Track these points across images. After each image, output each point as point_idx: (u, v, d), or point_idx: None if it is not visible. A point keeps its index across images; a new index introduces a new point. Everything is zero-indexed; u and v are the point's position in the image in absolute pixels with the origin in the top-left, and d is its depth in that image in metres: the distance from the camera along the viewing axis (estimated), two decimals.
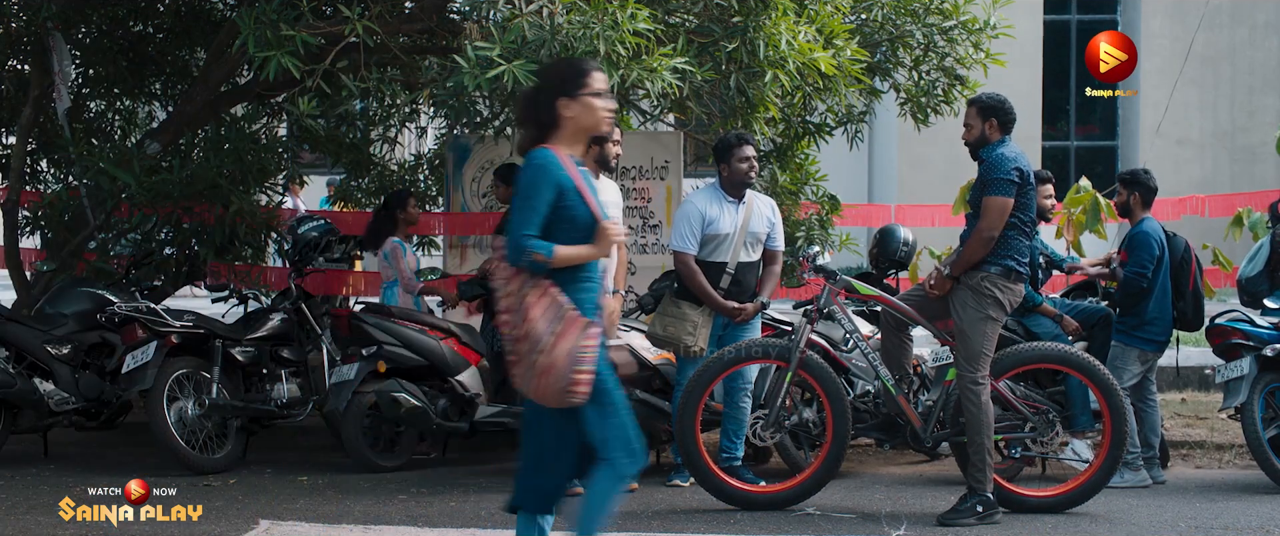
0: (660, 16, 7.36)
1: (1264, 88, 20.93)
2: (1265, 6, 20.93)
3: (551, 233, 4.53)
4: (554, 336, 4.43)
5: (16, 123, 9.61)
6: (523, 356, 4.48)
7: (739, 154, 7.36)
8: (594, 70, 4.69)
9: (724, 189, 7.41)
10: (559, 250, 4.51)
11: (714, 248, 7.36)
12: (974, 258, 6.64)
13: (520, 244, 4.49)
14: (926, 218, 10.94)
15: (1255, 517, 6.97)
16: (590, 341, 4.47)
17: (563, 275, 4.55)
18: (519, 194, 4.57)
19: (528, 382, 4.48)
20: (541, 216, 4.52)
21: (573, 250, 4.55)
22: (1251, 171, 20.11)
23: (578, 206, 4.57)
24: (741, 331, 7.39)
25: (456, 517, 6.80)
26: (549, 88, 4.68)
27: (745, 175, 7.38)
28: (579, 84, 4.63)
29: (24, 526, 6.44)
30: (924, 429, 7.02)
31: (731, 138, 7.47)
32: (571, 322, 4.45)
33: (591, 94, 4.63)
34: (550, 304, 4.48)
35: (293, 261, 8.69)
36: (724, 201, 7.40)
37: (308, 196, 15.18)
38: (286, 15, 7.15)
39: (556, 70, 4.87)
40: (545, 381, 4.42)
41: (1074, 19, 21.68)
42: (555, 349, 4.42)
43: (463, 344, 8.14)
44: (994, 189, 6.62)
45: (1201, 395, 10.48)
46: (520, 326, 4.47)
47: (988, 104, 6.81)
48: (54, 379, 8.04)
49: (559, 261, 4.51)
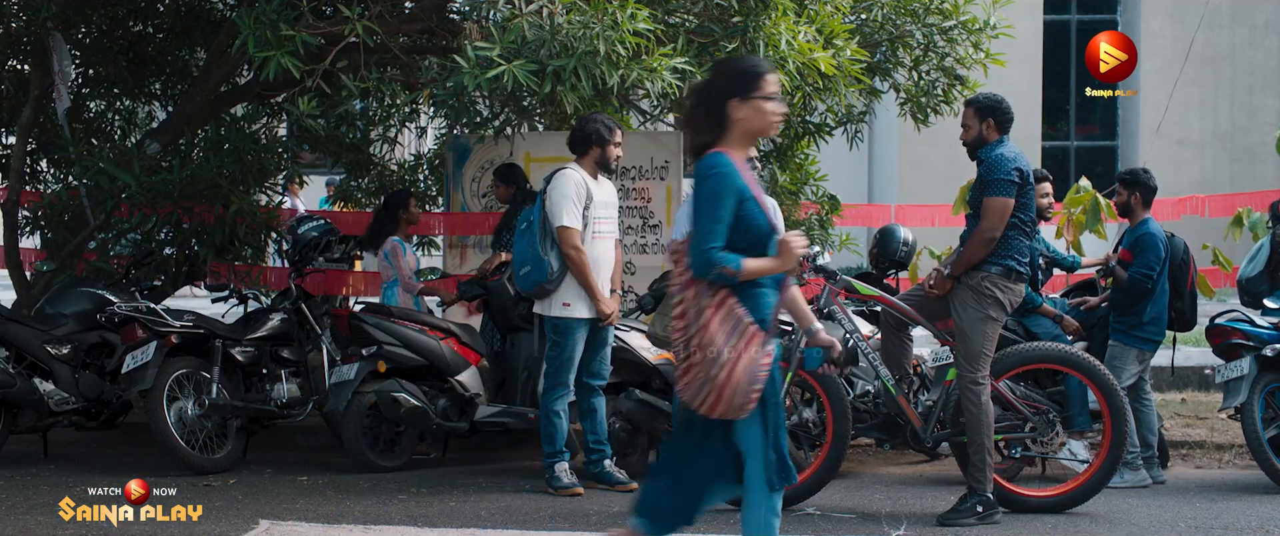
0: (660, 16, 7.37)
1: (1264, 88, 20.93)
2: (1265, 6, 20.93)
3: (729, 242, 4.37)
4: (733, 350, 4.30)
5: (16, 123, 9.61)
6: (696, 366, 4.33)
7: None
8: (769, 72, 4.51)
9: None
10: (746, 264, 4.35)
11: None
12: (974, 258, 6.64)
13: (708, 257, 4.33)
14: (926, 218, 10.94)
15: (1255, 517, 6.97)
16: (768, 357, 4.35)
17: (739, 285, 4.39)
18: (701, 203, 4.40)
19: (700, 394, 4.34)
20: (726, 226, 4.35)
21: (759, 264, 4.38)
22: (1251, 171, 20.11)
23: (757, 215, 4.41)
24: None
25: (456, 517, 6.79)
26: (720, 88, 4.50)
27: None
28: (753, 86, 4.45)
29: (24, 526, 6.44)
30: (924, 429, 7.02)
31: None
32: (751, 337, 4.31)
33: (764, 97, 4.45)
34: (728, 316, 4.34)
35: (293, 261, 8.70)
36: None
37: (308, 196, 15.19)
38: (286, 15, 7.15)
39: (729, 69, 4.66)
40: (722, 395, 4.30)
41: (1074, 19, 21.68)
42: (735, 363, 4.29)
43: (463, 344, 8.14)
44: (994, 189, 6.62)
45: (1201, 395, 10.48)
46: (696, 336, 4.34)
47: (985, 104, 6.81)
48: (54, 379, 8.04)
49: (746, 275, 4.35)
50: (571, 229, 7.13)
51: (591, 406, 7.39)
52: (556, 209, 7.15)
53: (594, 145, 7.26)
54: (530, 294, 7.36)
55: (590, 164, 7.30)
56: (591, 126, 7.25)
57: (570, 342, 7.24)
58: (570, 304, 7.20)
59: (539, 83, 6.76)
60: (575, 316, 7.21)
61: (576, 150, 7.31)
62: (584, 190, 7.18)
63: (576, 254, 7.13)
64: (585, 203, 7.18)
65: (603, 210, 7.33)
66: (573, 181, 7.17)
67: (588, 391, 7.37)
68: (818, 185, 10.03)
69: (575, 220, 7.14)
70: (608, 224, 7.39)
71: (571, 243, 7.14)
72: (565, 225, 7.13)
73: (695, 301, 4.37)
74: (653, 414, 7.70)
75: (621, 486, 7.37)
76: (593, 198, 7.22)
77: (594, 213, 7.24)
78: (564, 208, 7.12)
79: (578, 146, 7.31)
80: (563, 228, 7.13)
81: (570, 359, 7.25)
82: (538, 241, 7.18)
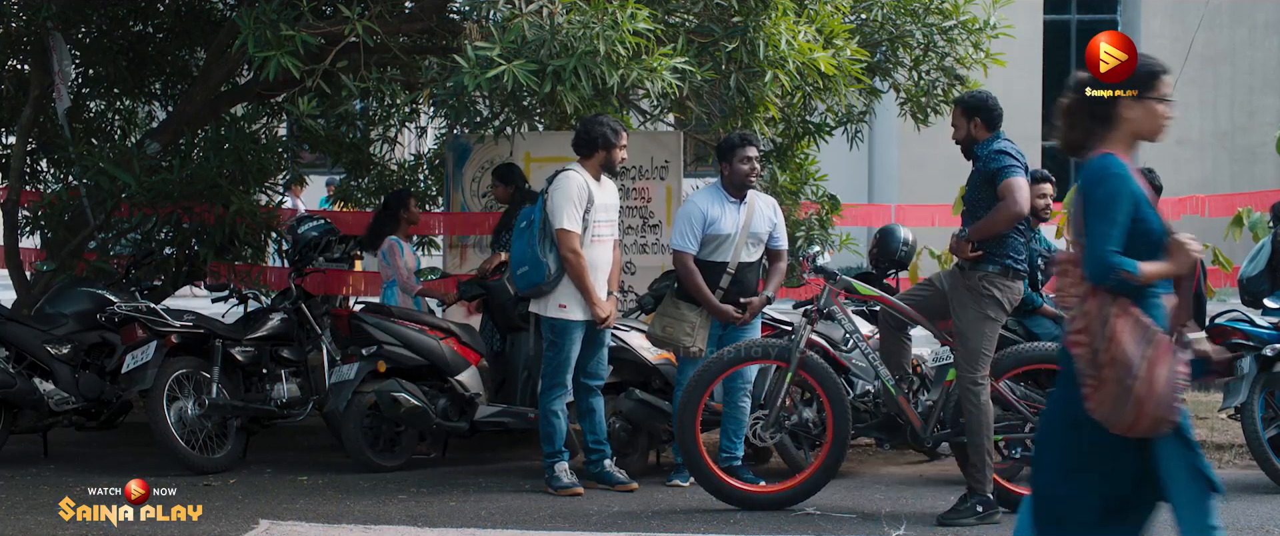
0: (660, 16, 7.36)
1: (1264, 88, 20.92)
2: (1265, 6, 20.92)
3: (1125, 247, 4.13)
4: (1147, 361, 4.03)
5: (16, 123, 9.61)
6: (1109, 382, 4.04)
7: (741, 154, 7.36)
8: (1166, 72, 4.22)
9: (726, 189, 7.41)
10: (1144, 267, 4.12)
11: (715, 247, 7.35)
12: (995, 228, 6.51)
13: (1106, 261, 4.09)
14: (926, 218, 10.93)
15: (1255, 517, 6.97)
16: (1184, 366, 4.10)
17: (1135, 291, 4.15)
18: (1095, 207, 4.17)
19: (1117, 410, 4.02)
20: (1123, 230, 4.12)
21: (1156, 267, 4.16)
22: (1251, 171, 20.10)
23: (1152, 219, 4.18)
24: (741, 332, 7.39)
25: (456, 517, 6.79)
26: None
27: (746, 176, 7.38)
28: (1149, 85, 4.19)
29: (24, 526, 6.44)
30: (924, 429, 7.02)
31: (734, 138, 7.47)
32: (1162, 345, 4.05)
33: (1159, 99, 4.19)
34: (1135, 325, 4.08)
35: (293, 261, 8.70)
36: (726, 201, 7.40)
37: (308, 196, 15.19)
38: (286, 15, 7.15)
39: None
40: (1144, 410, 4.01)
41: (1074, 19, 21.67)
42: (1153, 375, 4.02)
43: (463, 344, 8.14)
44: (1006, 173, 6.51)
45: (1201, 395, 10.47)
46: (1105, 350, 4.06)
47: (970, 103, 6.79)
48: (54, 379, 8.04)
49: (1145, 279, 4.12)
50: (571, 232, 7.12)
51: (590, 406, 7.39)
52: (557, 211, 7.14)
53: (600, 148, 7.25)
54: (526, 294, 7.36)
55: (594, 166, 7.29)
56: (598, 129, 7.24)
57: (566, 343, 7.23)
58: (566, 305, 7.20)
59: (539, 83, 6.75)
60: (571, 318, 7.20)
61: (582, 152, 7.30)
62: (586, 193, 7.17)
63: (575, 258, 7.12)
64: (586, 206, 7.17)
65: (603, 213, 7.32)
66: (575, 184, 7.16)
67: (586, 391, 7.37)
68: (818, 185, 10.03)
69: (575, 223, 7.13)
70: (607, 227, 7.38)
71: (570, 246, 7.13)
72: (565, 228, 7.12)
73: (1099, 313, 4.09)
74: (652, 413, 7.70)
75: (621, 486, 7.37)
76: (594, 201, 7.21)
77: (594, 216, 7.23)
78: (564, 210, 7.12)
79: (583, 148, 7.29)
80: (562, 231, 7.12)
81: (567, 359, 7.25)
82: (537, 242, 7.17)
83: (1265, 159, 19.87)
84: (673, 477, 7.59)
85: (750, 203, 7.45)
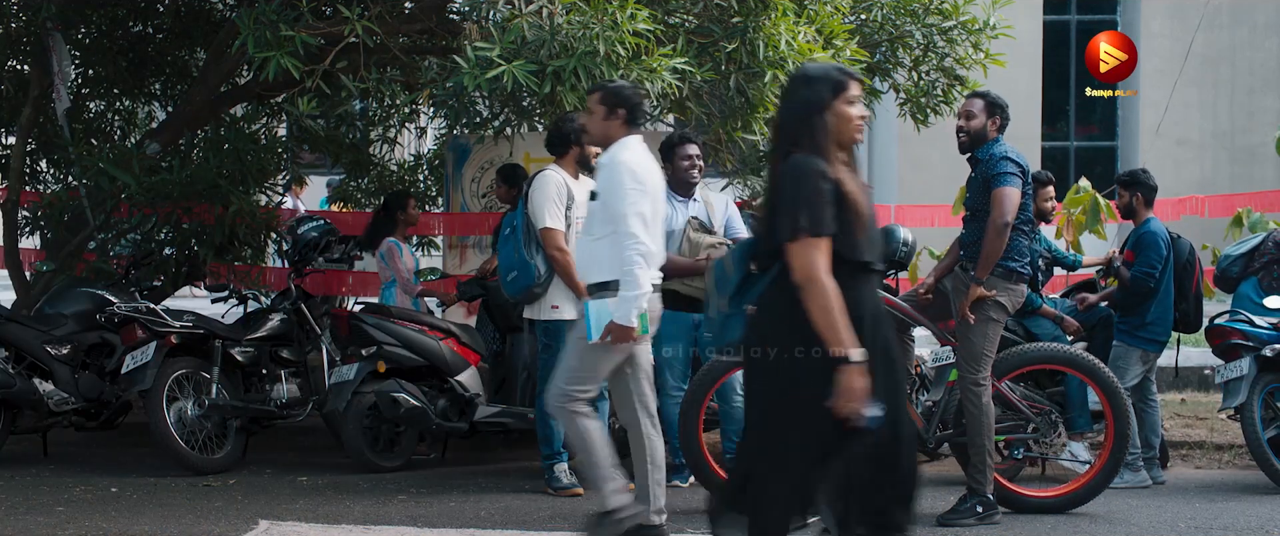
0: (660, 16, 7.36)
1: (1264, 88, 20.92)
2: (1265, 6, 20.92)
3: None
4: None
5: (16, 123, 9.61)
6: None
7: (681, 152, 7.38)
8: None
9: (672, 188, 7.20)
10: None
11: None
12: (994, 253, 6.54)
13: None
14: (926, 218, 10.92)
15: (1255, 518, 6.97)
16: None
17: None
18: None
19: None
20: None
21: None
22: (1251, 172, 20.10)
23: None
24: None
25: (456, 517, 6.79)
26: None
27: (687, 172, 7.37)
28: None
29: (24, 526, 6.44)
30: (925, 429, 7.02)
31: (674, 136, 7.48)
32: None
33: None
34: None
35: (292, 262, 8.70)
36: (673, 201, 7.30)
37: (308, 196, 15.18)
38: (286, 15, 7.15)
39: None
40: None
41: (1074, 19, 21.68)
42: None
43: (462, 344, 8.14)
44: (1000, 181, 6.55)
45: (1201, 395, 10.48)
46: None
47: (996, 101, 6.79)
48: (54, 379, 8.04)
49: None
50: (555, 231, 7.10)
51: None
52: (539, 211, 7.12)
53: (573, 144, 7.24)
54: (519, 298, 7.32)
55: (571, 163, 7.28)
56: (568, 126, 7.20)
57: (562, 345, 7.21)
58: (559, 306, 7.18)
59: (539, 83, 6.75)
60: (565, 318, 7.18)
61: (556, 151, 7.29)
62: (565, 190, 7.15)
63: (561, 255, 7.10)
64: (567, 203, 7.16)
65: (584, 210, 7.29)
66: (553, 182, 7.15)
67: None
68: None
69: (558, 221, 7.11)
70: None
71: (556, 244, 7.10)
72: (549, 227, 7.09)
73: None
74: None
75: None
76: (574, 198, 7.18)
77: (576, 213, 7.20)
78: (546, 209, 7.10)
79: (557, 147, 7.28)
80: (546, 230, 7.10)
81: None
82: (522, 246, 7.15)
83: (1265, 159, 19.86)
84: (673, 478, 7.58)
85: (706, 201, 7.45)
